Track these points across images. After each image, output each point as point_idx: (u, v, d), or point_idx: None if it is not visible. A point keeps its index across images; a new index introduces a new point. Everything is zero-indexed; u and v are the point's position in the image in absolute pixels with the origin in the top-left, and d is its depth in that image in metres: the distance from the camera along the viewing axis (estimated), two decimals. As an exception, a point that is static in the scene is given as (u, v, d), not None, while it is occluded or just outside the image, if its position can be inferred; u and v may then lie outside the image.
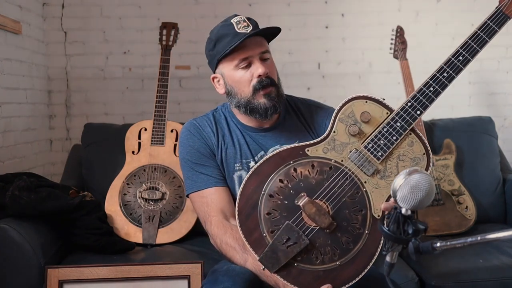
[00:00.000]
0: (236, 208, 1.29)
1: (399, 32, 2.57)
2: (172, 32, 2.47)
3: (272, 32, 1.49)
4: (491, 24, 1.35)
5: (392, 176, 1.27)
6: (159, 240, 2.14)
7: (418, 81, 2.65)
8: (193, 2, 2.96)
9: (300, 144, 1.32)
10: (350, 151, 1.29)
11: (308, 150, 1.31)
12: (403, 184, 0.95)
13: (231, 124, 1.57)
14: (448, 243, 0.94)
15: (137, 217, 2.16)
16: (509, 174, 2.53)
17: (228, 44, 1.41)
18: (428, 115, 2.78)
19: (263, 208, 1.27)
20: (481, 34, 1.35)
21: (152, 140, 2.30)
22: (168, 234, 2.15)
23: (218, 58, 1.46)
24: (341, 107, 1.32)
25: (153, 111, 2.34)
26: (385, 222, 0.99)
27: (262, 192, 1.28)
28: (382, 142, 1.28)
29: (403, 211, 0.97)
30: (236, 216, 1.28)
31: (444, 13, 2.98)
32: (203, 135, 1.53)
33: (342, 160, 1.29)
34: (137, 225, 2.15)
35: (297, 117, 1.57)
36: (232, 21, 1.44)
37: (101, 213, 2.10)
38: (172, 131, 2.32)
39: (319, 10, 2.99)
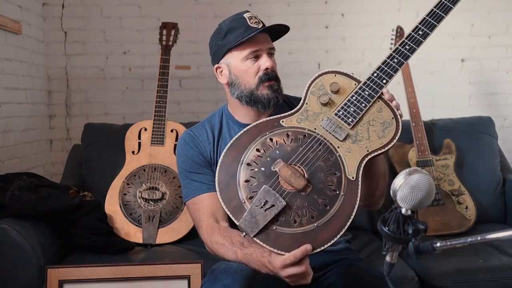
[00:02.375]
0: (216, 179, 1.33)
1: (399, 32, 2.57)
2: (172, 32, 2.47)
3: (280, 31, 1.57)
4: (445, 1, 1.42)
5: (364, 140, 1.33)
6: (159, 240, 2.14)
7: (418, 81, 2.67)
8: (193, 2, 2.96)
9: (275, 116, 1.39)
10: (322, 120, 1.36)
11: (283, 121, 1.38)
12: (403, 184, 0.95)
13: (227, 125, 1.60)
14: (448, 243, 0.94)
15: (137, 217, 2.16)
16: (509, 174, 2.53)
17: (241, 35, 1.48)
18: (428, 115, 2.79)
19: (241, 176, 1.31)
20: (437, 11, 1.41)
21: (152, 140, 2.30)
22: (168, 234, 2.16)
23: (229, 47, 1.50)
24: (312, 82, 1.41)
25: (153, 111, 2.34)
26: (385, 222, 0.99)
27: (240, 162, 1.33)
28: (352, 109, 1.35)
29: (403, 211, 0.97)
30: (216, 186, 1.32)
31: (444, 13, 2.98)
32: (197, 144, 1.57)
33: (315, 129, 1.36)
34: (137, 225, 2.15)
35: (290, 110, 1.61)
36: (244, 15, 1.51)
37: (101, 213, 2.10)
38: (172, 131, 2.32)
39: (319, 10, 2.99)
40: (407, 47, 1.37)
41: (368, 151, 1.31)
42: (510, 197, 2.47)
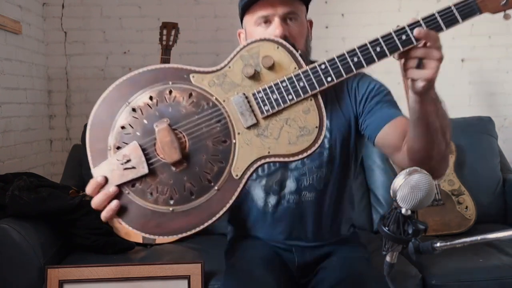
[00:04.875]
0: (94, 109, 1.12)
1: (399, 32, 2.57)
2: (172, 32, 2.47)
3: None
4: (455, 12, 1.11)
5: (271, 138, 1.09)
6: (159, 240, 2.14)
7: (418, 81, 2.67)
8: (193, 2, 2.96)
9: (187, 67, 1.15)
10: (237, 94, 1.11)
11: (193, 77, 1.13)
12: (403, 184, 0.96)
13: None
14: (448, 243, 0.94)
15: (137, 217, 2.16)
16: (509, 174, 2.54)
17: None
18: (428, 115, 2.78)
19: (120, 119, 1.11)
20: (439, 19, 1.12)
21: (152, 140, 2.30)
22: (168, 234, 2.15)
23: (241, 10, 1.38)
24: (247, 44, 1.14)
25: (153, 111, 2.34)
26: (385, 222, 0.99)
27: (127, 103, 1.12)
28: (274, 96, 1.09)
29: (403, 211, 0.97)
30: (90, 119, 1.12)
31: (444, 13, 2.98)
32: None
33: (224, 101, 1.11)
34: (137, 225, 2.15)
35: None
36: None
37: (101, 213, 2.10)
38: (172, 131, 2.32)
39: (319, 10, 2.99)
40: (378, 49, 1.09)
41: (269, 153, 1.08)
42: (510, 197, 2.47)
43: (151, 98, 1.11)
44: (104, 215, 1.07)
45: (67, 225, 1.99)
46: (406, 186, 0.95)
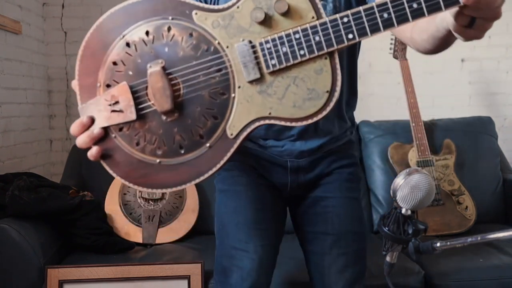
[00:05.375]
0: (86, 38, 1.03)
1: (399, 32, 2.56)
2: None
3: None
4: None
5: (274, 97, 0.97)
6: (159, 240, 2.14)
7: (418, 81, 2.67)
8: (193, 2, 2.96)
9: (190, 1, 1.00)
10: (243, 40, 0.97)
11: (196, 14, 0.99)
12: (403, 184, 0.96)
13: None
14: (448, 243, 0.94)
15: (137, 217, 2.16)
16: (509, 174, 2.54)
17: None
18: (428, 115, 2.79)
19: (113, 53, 1.01)
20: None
21: (152, 140, 2.30)
22: (168, 234, 2.16)
23: None
24: None
25: (153, 111, 2.34)
26: (385, 222, 0.99)
27: (122, 35, 1.01)
28: (284, 49, 0.95)
29: (403, 211, 0.97)
30: (81, 47, 1.03)
31: (444, 13, 2.98)
32: None
33: (227, 46, 0.97)
34: (137, 225, 2.15)
35: None
36: None
37: (101, 213, 2.10)
38: (172, 131, 2.32)
39: None
40: (415, 6, 0.87)
41: (270, 113, 0.97)
42: (510, 197, 2.47)
43: (147, 33, 0.99)
44: (88, 155, 0.99)
45: (67, 225, 1.99)
46: (406, 186, 0.95)
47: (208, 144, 0.98)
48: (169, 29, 0.99)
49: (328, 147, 1.32)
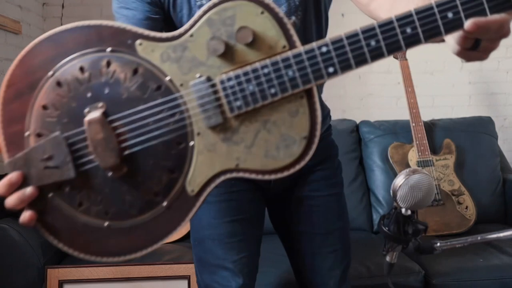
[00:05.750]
0: (8, 75, 0.85)
1: (399, 32, 2.57)
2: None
3: None
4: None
5: (242, 145, 0.80)
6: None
7: (418, 81, 2.67)
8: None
9: (132, 28, 0.82)
10: (200, 76, 0.79)
11: (140, 44, 0.82)
12: (403, 184, 0.96)
13: None
14: (448, 243, 0.94)
15: (137, 217, 2.16)
16: (509, 174, 2.54)
17: None
18: (428, 115, 2.79)
19: (42, 94, 0.83)
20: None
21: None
22: (168, 234, 2.16)
23: None
24: (220, 2, 0.79)
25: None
26: (385, 222, 0.99)
27: (51, 72, 0.83)
28: (251, 87, 0.77)
29: (403, 211, 0.97)
30: (3, 85, 0.84)
31: (444, 13, 2.98)
32: None
33: (181, 85, 0.80)
34: (137, 225, 2.15)
35: None
36: None
37: (101, 213, 2.10)
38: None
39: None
40: (409, 32, 0.72)
41: (237, 165, 0.80)
42: (510, 197, 2.47)
43: (82, 69, 0.81)
44: (21, 221, 0.82)
45: (67, 225, 1.99)
46: (406, 186, 0.95)
47: (165, 204, 0.82)
48: (108, 64, 0.81)
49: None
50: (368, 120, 2.64)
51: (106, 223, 0.83)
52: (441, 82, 3.04)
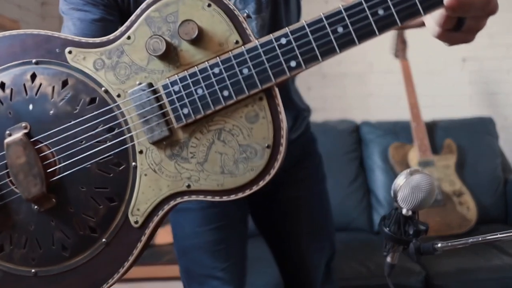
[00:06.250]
0: None
1: (400, 32, 2.56)
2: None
3: None
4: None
5: (193, 162, 0.67)
6: (159, 240, 2.13)
7: (419, 81, 2.67)
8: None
9: (60, 35, 0.72)
10: (139, 84, 0.67)
11: (70, 52, 0.70)
12: (403, 185, 0.95)
13: None
14: (449, 243, 0.93)
15: (136, 218, 2.16)
16: (510, 175, 2.54)
17: None
18: (429, 115, 2.78)
19: None
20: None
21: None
22: (168, 234, 2.15)
23: None
24: None
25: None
26: (385, 222, 0.99)
27: None
28: (200, 91, 0.65)
29: (404, 211, 0.96)
30: None
31: (445, 12, 2.98)
32: None
33: (119, 95, 0.68)
34: (136, 226, 2.15)
35: None
36: None
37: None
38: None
39: (319, 10, 2.95)
40: (381, 14, 0.62)
41: (189, 187, 0.68)
42: (511, 198, 2.46)
43: (2, 86, 0.71)
44: None
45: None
46: (407, 187, 0.94)
47: (104, 240, 0.69)
48: (33, 77, 0.70)
49: (298, 131, 1.17)
50: (368, 120, 2.64)
51: (32, 270, 0.70)
52: (442, 82, 3.03)
